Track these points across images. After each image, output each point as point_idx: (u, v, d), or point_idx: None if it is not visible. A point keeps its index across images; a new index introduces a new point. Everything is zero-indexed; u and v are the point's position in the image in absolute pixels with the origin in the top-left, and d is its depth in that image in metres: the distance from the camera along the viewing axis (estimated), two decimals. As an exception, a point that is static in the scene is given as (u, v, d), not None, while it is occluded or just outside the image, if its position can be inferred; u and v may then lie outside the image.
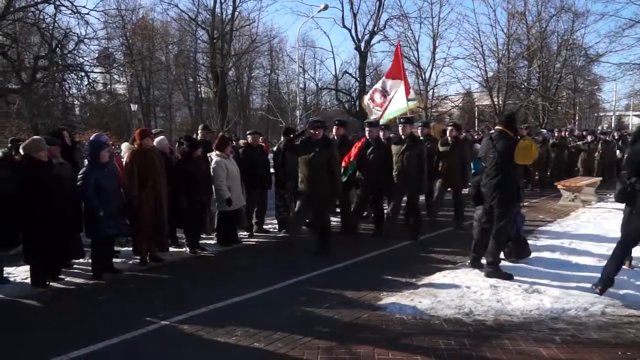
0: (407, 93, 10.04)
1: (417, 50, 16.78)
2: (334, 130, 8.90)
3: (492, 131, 6.16)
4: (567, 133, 16.73)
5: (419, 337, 4.22)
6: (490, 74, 22.92)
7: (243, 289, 5.45)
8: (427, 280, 5.74)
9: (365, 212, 9.00)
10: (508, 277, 5.55)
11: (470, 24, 24.88)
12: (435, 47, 17.03)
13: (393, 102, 10.20)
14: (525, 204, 10.41)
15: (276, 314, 4.78)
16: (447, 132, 8.99)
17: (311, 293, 5.37)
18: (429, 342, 4.10)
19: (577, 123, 29.65)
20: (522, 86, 26.16)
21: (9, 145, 7.56)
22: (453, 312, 4.72)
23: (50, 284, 5.77)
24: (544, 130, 17.35)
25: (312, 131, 7.00)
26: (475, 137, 16.66)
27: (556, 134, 15.47)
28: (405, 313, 4.73)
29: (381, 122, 9.20)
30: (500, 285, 5.35)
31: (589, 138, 15.46)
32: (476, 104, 30.66)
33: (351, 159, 7.99)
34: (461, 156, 8.74)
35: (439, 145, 8.84)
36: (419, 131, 8.97)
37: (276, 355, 3.93)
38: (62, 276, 6.01)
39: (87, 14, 13.87)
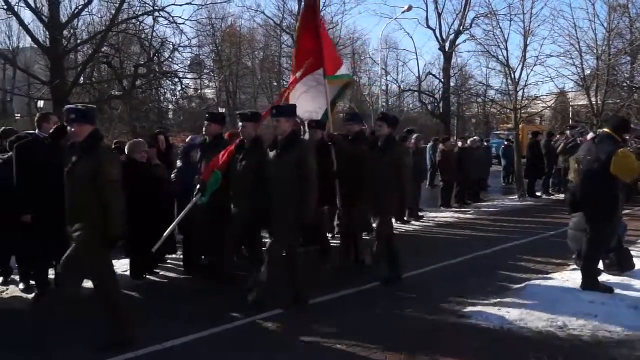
0: (331, 68, 6.54)
1: (506, 48, 15.99)
2: (203, 129, 6.02)
3: (584, 131, 5.74)
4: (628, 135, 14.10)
5: (507, 348, 4.03)
6: (588, 71, 21.35)
7: (325, 289, 5.48)
8: (515, 289, 5.47)
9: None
10: (607, 290, 5.15)
11: (565, 20, 23.27)
12: (526, 45, 16.20)
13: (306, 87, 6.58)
14: (627, 211, 9.61)
15: (358, 316, 4.77)
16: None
17: (393, 296, 5.31)
18: (518, 354, 3.91)
19: (688, 123, 26.91)
20: (624, 84, 24.17)
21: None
22: (545, 325, 4.45)
23: (147, 276, 6.18)
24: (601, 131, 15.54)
25: (70, 127, 4.04)
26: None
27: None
28: (492, 322, 4.53)
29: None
30: (597, 299, 4.97)
31: None
32: (570, 103, 28.76)
33: (215, 169, 5.35)
34: (389, 169, 5.57)
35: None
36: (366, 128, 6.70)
37: (358, 357, 3.93)
38: (157, 270, 6.41)
39: (183, 23, 14.78)
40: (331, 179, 6.16)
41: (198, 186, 5.39)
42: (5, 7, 11.30)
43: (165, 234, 5.32)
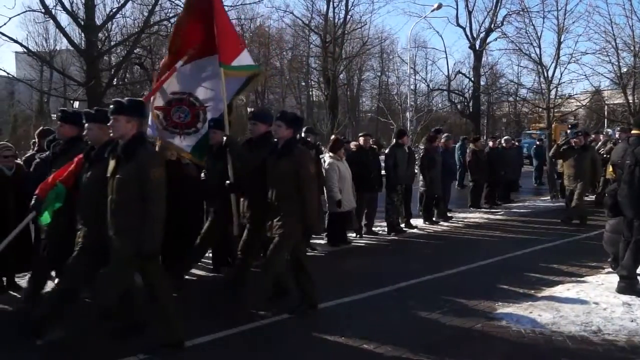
0: (228, 55, 5.30)
1: (539, 46, 15.64)
2: (84, 131, 4.53)
3: (579, 132, 5.57)
4: None
5: (539, 353, 3.95)
6: (625, 69, 20.70)
7: (352, 289, 5.47)
8: (548, 292, 5.36)
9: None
10: (645, 294, 5.01)
11: (601, 16, 22.60)
12: (560, 43, 15.80)
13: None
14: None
15: (386, 317, 4.75)
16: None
17: (422, 298, 5.27)
18: (550, 359, 3.82)
19: None
20: (663, 82, 23.35)
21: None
22: (578, 329, 4.34)
23: (177, 274, 6.26)
24: (610, 131, 14.75)
25: None
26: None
27: (617, 135, 10.45)
28: (524, 326, 4.44)
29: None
30: (635, 303, 4.84)
31: None
32: (606, 102, 27.98)
33: (57, 181, 4.27)
34: (287, 179, 4.60)
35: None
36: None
37: (385, 358, 3.91)
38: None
39: (212, 24, 14.91)
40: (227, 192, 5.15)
41: (34, 200, 4.25)
42: (43, 10, 11.63)
43: None
